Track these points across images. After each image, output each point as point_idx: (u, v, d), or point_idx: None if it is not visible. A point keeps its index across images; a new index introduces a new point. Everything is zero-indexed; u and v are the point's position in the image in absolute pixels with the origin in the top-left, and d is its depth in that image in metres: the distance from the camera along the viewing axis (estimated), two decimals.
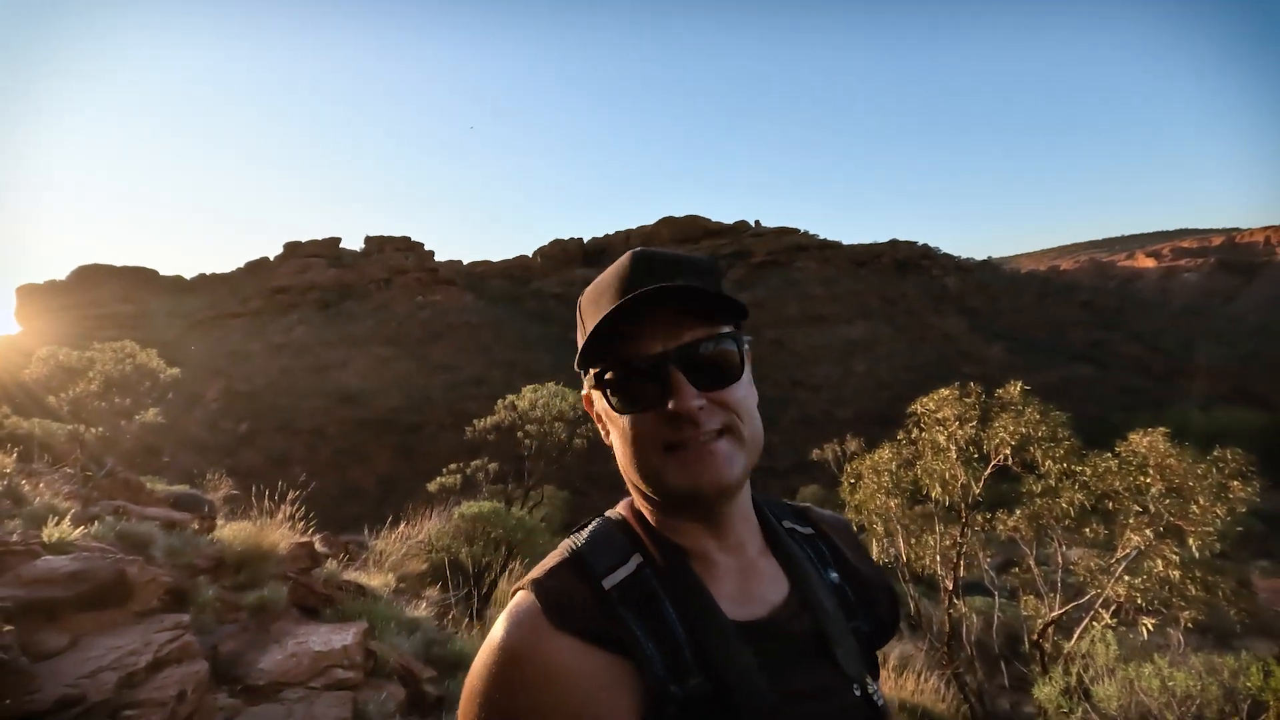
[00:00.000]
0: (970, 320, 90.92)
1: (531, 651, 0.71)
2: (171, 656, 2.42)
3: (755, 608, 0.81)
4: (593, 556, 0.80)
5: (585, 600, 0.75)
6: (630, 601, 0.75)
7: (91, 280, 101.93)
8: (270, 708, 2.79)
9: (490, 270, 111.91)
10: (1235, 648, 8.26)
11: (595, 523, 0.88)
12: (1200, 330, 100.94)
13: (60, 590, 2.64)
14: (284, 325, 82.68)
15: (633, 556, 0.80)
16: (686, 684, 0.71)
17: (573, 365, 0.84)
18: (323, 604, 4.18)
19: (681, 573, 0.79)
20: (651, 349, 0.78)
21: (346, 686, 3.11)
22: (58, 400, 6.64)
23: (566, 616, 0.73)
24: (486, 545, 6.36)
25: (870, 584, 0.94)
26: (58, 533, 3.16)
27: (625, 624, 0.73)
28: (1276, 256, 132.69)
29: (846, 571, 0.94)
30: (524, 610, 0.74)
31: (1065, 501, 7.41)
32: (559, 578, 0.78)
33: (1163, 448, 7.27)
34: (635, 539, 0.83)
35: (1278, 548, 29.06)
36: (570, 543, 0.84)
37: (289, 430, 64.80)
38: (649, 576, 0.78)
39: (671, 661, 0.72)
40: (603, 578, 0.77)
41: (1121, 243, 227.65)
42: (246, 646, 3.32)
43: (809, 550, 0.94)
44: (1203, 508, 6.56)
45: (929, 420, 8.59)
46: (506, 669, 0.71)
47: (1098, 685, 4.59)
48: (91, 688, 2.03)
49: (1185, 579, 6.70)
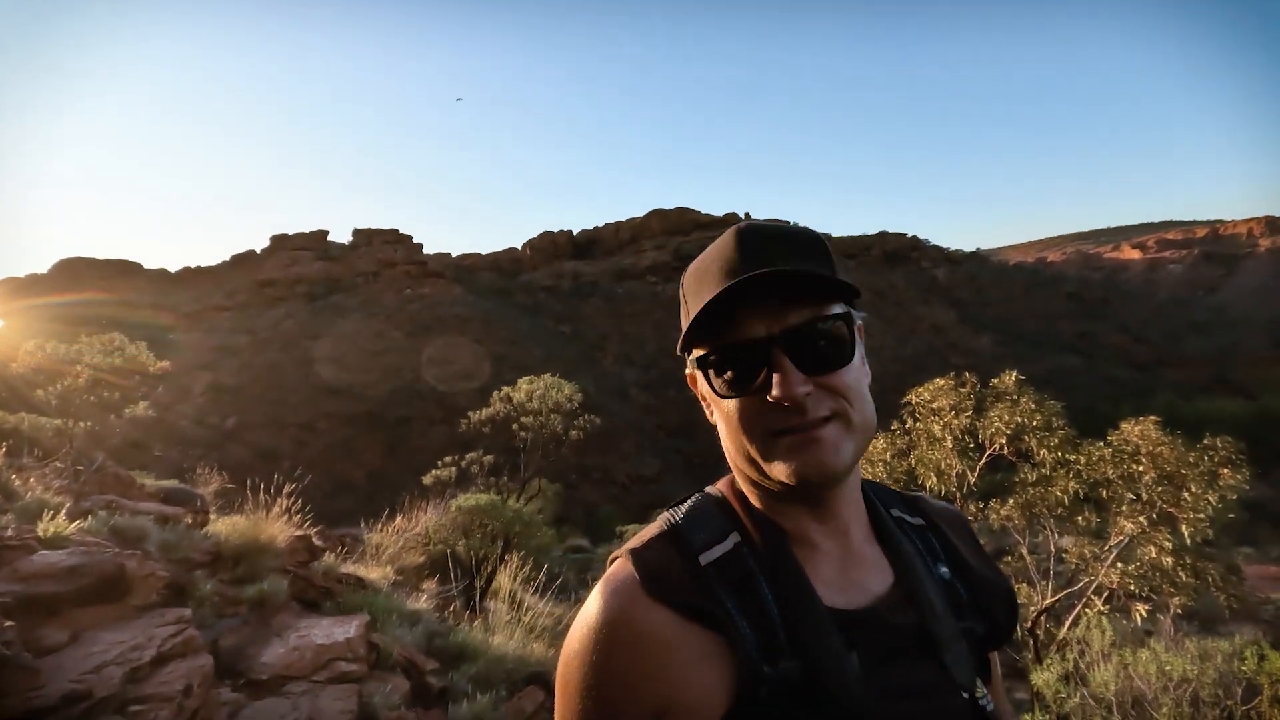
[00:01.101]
0: (959, 312, 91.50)
1: (628, 618, 0.72)
2: (175, 651, 2.38)
3: (856, 596, 0.79)
4: (690, 532, 0.79)
5: (681, 574, 0.75)
6: (726, 579, 0.75)
7: (74, 273, 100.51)
8: (275, 702, 2.76)
9: (479, 262, 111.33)
10: (1222, 633, 8.39)
11: (694, 498, 0.87)
12: (1184, 321, 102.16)
13: (59, 585, 2.60)
14: (271, 319, 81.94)
15: (730, 535, 0.79)
16: (778, 665, 0.70)
17: (564, 357, 0.82)
18: (323, 597, 4.15)
19: (780, 554, 0.77)
20: (756, 332, 0.74)
21: (350, 679, 3.09)
22: (45, 394, 6.54)
23: (663, 587, 0.73)
24: (484, 538, 6.33)
25: (986, 583, 0.90)
26: (53, 527, 3.10)
27: (720, 601, 0.73)
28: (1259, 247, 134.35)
29: (959, 567, 0.89)
30: (621, 579, 0.75)
31: (1059, 490, 7.48)
32: (656, 550, 0.78)
33: (1154, 436, 7.35)
34: (734, 517, 0.82)
35: (1260, 535, 29.56)
36: (669, 517, 0.83)
37: (277, 425, 64.36)
38: (746, 555, 0.77)
39: (765, 642, 0.71)
40: (699, 553, 0.77)
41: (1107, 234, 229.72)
42: (248, 640, 3.28)
43: (918, 542, 0.90)
44: (1194, 495, 6.63)
45: (924, 410, 8.63)
46: (603, 634, 0.72)
47: (1094, 671, 4.64)
48: (97, 683, 1.99)
49: (1177, 565, 6.80)
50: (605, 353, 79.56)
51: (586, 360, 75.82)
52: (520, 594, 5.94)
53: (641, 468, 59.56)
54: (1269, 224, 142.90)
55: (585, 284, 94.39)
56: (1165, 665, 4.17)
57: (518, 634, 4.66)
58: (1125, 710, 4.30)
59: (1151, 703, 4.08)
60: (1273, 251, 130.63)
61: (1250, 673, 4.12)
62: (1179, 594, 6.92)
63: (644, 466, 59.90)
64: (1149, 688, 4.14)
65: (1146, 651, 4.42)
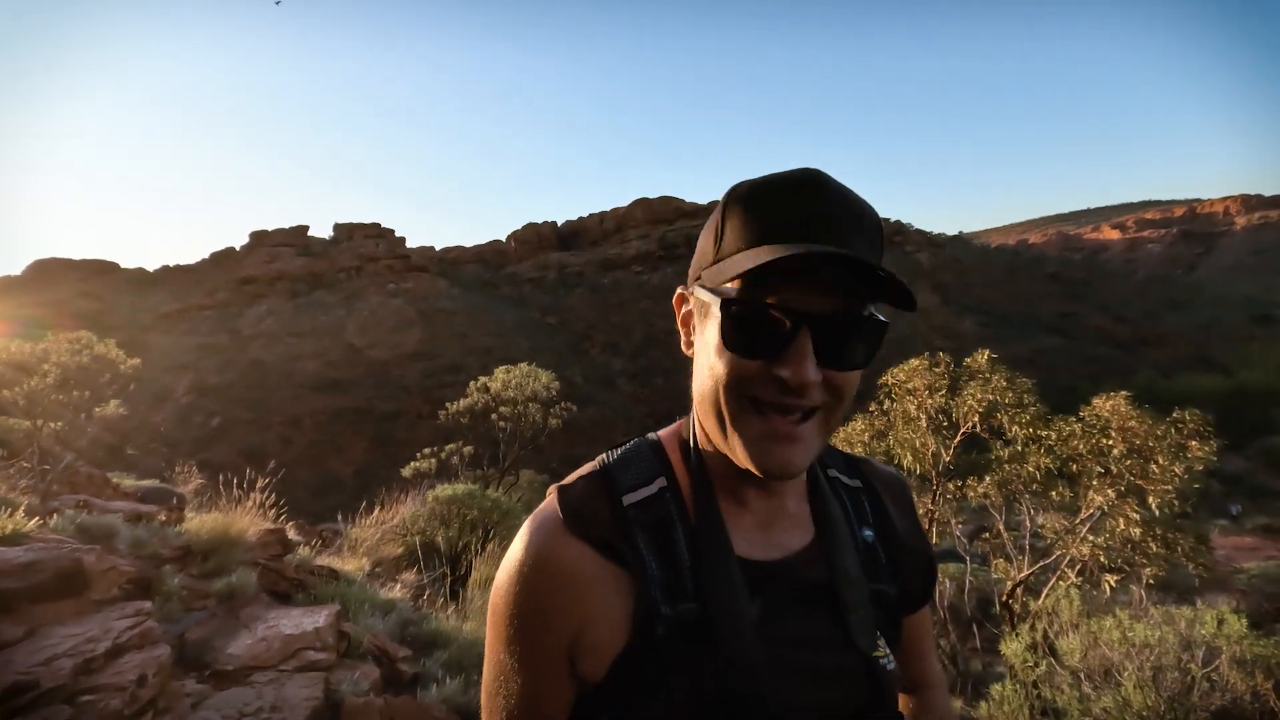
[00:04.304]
0: (942, 295, 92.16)
1: (548, 553, 0.74)
2: (132, 643, 2.37)
3: (772, 550, 0.80)
4: (619, 473, 0.81)
5: (602, 512, 0.77)
6: (644, 521, 0.77)
7: (49, 274, 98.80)
8: (239, 691, 2.76)
9: (463, 255, 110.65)
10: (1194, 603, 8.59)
11: (632, 443, 0.87)
12: (1164, 299, 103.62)
13: (13, 581, 2.57)
14: (253, 316, 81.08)
15: (657, 479, 0.81)
16: (677, 606, 0.72)
17: (551, 348, 0.80)
18: (294, 589, 4.14)
19: (702, 504, 0.78)
20: (797, 303, 0.69)
21: (319, 668, 3.09)
22: (12, 394, 6.44)
23: (582, 524, 0.75)
24: (462, 527, 6.34)
25: (908, 549, 0.91)
26: (11, 524, 3.07)
27: (634, 540, 0.75)
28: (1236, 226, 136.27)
29: (884, 531, 0.90)
30: (546, 515, 0.78)
31: (1032, 465, 7.60)
32: (582, 488, 0.80)
33: (1124, 410, 7.47)
34: (666, 464, 0.83)
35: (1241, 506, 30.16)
36: (603, 457, 0.85)
37: (262, 423, 63.86)
38: (668, 500, 0.79)
39: (671, 583, 0.73)
40: (624, 494, 0.78)
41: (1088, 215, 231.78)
42: (214, 633, 3.27)
43: (849, 503, 0.90)
44: (1162, 467, 6.77)
45: (900, 391, 8.71)
46: (525, 567, 0.75)
47: (1062, 639, 4.74)
48: (46, 674, 1.98)
49: (1146, 537, 6.94)
50: (592, 343, 79.46)
51: (574, 351, 75.74)
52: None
53: None
54: (1245, 202, 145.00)
55: (570, 275, 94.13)
56: (1129, 632, 4.26)
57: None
58: (1092, 677, 4.40)
59: (1116, 668, 4.17)
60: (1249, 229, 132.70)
61: (1209, 636, 4.22)
62: (1150, 565, 7.07)
63: None
64: (1114, 654, 4.23)
65: (1111, 619, 4.50)
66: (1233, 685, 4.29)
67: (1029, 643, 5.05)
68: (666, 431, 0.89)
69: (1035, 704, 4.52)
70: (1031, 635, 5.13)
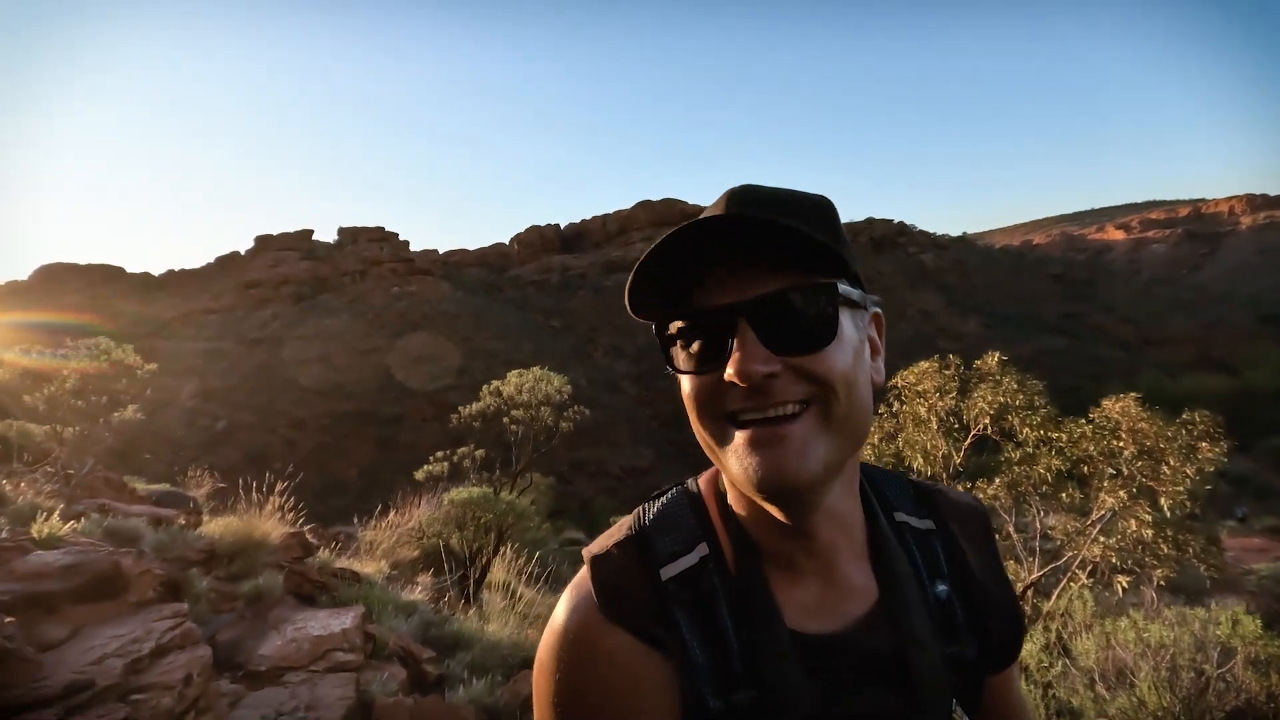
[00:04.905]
0: (947, 296, 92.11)
1: (588, 637, 0.68)
2: (174, 643, 2.43)
3: (831, 621, 0.71)
4: (657, 538, 0.73)
5: (639, 592, 0.69)
6: (686, 598, 0.69)
7: (56, 279, 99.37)
8: (274, 691, 2.82)
9: (467, 259, 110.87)
10: (1205, 605, 8.60)
11: (671, 494, 0.79)
12: (1168, 299, 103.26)
13: (56, 584, 2.64)
14: (258, 320, 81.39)
15: (698, 546, 0.72)
16: (730, 697, 0.65)
17: (555, 351, 0.77)
18: (318, 591, 4.20)
19: (748, 574, 0.70)
20: (720, 298, 0.63)
21: (348, 669, 3.14)
22: (33, 400, 6.52)
23: (618, 610, 0.68)
24: (477, 530, 6.39)
25: (989, 601, 0.80)
26: (47, 528, 3.13)
27: (676, 626, 0.68)
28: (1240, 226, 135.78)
29: (962, 582, 0.79)
30: (581, 595, 0.71)
31: (1043, 467, 7.62)
32: (617, 561, 0.71)
33: (1134, 412, 7.49)
34: (707, 524, 0.74)
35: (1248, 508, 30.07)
36: (639, 515, 0.76)
37: (267, 426, 64.06)
38: (711, 572, 0.70)
39: (719, 671, 0.66)
40: (662, 565, 0.70)
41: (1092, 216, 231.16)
42: (245, 634, 3.33)
43: (919, 553, 0.80)
44: (1173, 468, 6.78)
45: (910, 393, 8.74)
46: (566, 650, 0.68)
47: (1076, 640, 4.77)
48: (98, 673, 2.05)
49: (1158, 538, 6.96)
50: (596, 346, 79.52)
51: (577, 354, 75.78)
52: (515, 584, 6.02)
53: (635, 459, 59.70)
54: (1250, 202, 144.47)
55: (573, 277, 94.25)
56: (1143, 633, 4.29)
57: (512, 621, 4.74)
58: (1106, 677, 4.43)
59: (1131, 669, 4.20)
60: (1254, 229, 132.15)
61: (1224, 637, 4.25)
62: (1161, 566, 7.09)
63: (637, 458, 60.04)
64: (1128, 655, 4.26)
65: (1125, 620, 4.53)
66: (1247, 686, 4.32)
67: (1043, 643, 5.08)
68: (706, 479, 0.80)
69: (1050, 704, 4.54)
70: (1045, 636, 5.15)
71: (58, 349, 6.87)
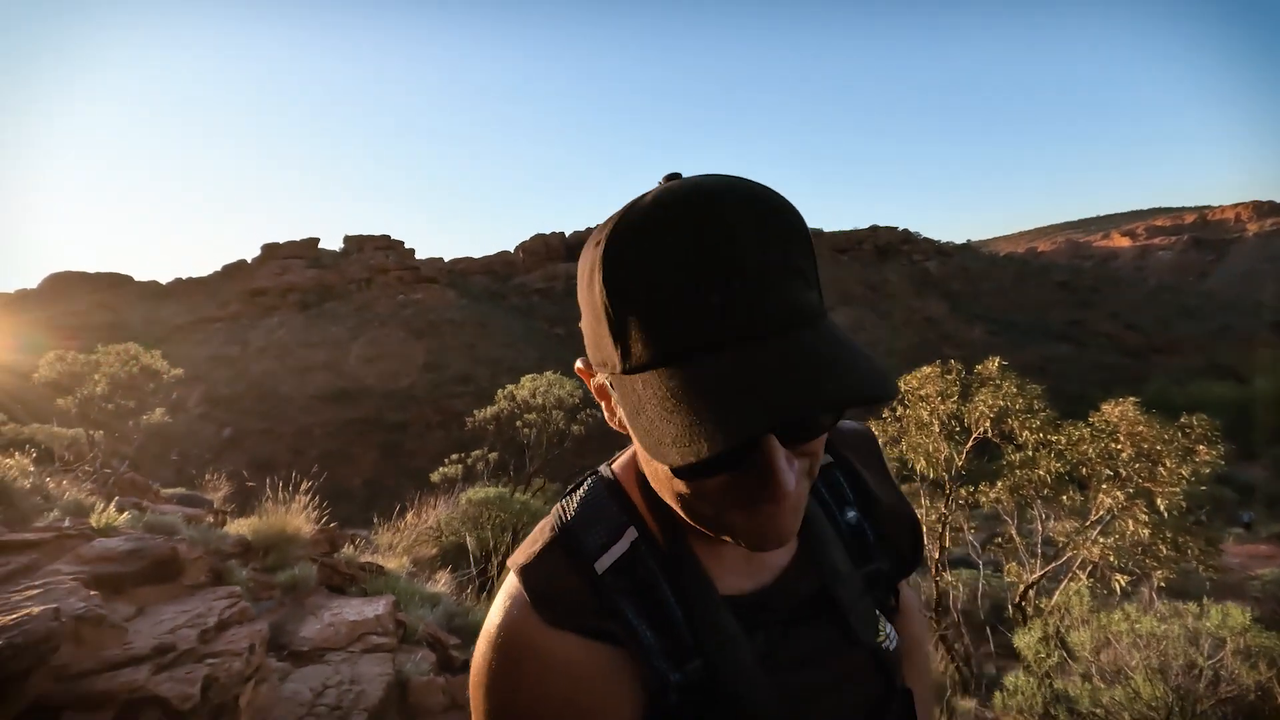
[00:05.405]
0: (952, 303, 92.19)
1: (526, 647, 0.65)
2: (234, 618, 2.66)
3: (761, 575, 0.73)
4: (584, 533, 0.70)
5: (577, 591, 0.67)
6: (625, 586, 0.68)
7: (65, 288, 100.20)
8: (318, 668, 3.04)
9: (472, 266, 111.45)
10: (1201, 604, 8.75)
11: (587, 485, 0.76)
12: (1175, 306, 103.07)
13: (120, 566, 2.87)
14: (265, 328, 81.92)
15: (626, 531, 0.70)
16: (685, 668, 0.66)
17: (560, 358, 0.75)
18: (347, 583, 4.42)
19: (677, 547, 0.70)
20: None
21: (383, 650, 3.36)
22: (66, 403, 6.78)
23: (558, 613, 0.65)
24: (493, 529, 6.61)
25: (892, 514, 0.84)
26: (105, 519, 3.37)
27: (621, 614, 0.66)
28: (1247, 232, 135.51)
29: (866, 505, 0.83)
30: (515, 604, 0.67)
31: (1043, 470, 7.81)
32: (547, 564, 0.69)
33: (1133, 415, 7.69)
34: (630, 508, 0.73)
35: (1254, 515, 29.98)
36: (559, 514, 0.74)
37: (273, 434, 64.37)
38: (645, 555, 0.69)
39: (670, 646, 0.66)
40: (595, 559, 0.68)
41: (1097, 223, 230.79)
42: (285, 619, 3.55)
43: (825, 487, 0.82)
44: (1169, 469, 6.97)
45: (913, 398, 8.95)
46: (505, 664, 0.65)
47: (1073, 633, 4.95)
48: (179, 639, 2.28)
49: (1156, 539, 7.13)
50: None
51: None
52: None
53: None
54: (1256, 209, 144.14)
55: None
56: (1136, 624, 4.47)
57: None
58: (1102, 670, 4.61)
59: (1124, 658, 4.38)
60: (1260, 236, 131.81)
61: (1214, 628, 4.43)
62: (1162, 568, 7.26)
63: None
64: (1121, 647, 4.44)
65: (1119, 613, 4.72)
66: (1238, 676, 4.49)
67: (1041, 635, 5.27)
68: (621, 464, 0.78)
69: (1048, 694, 4.72)
70: (1044, 629, 5.34)
71: (90, 353, 7.14)
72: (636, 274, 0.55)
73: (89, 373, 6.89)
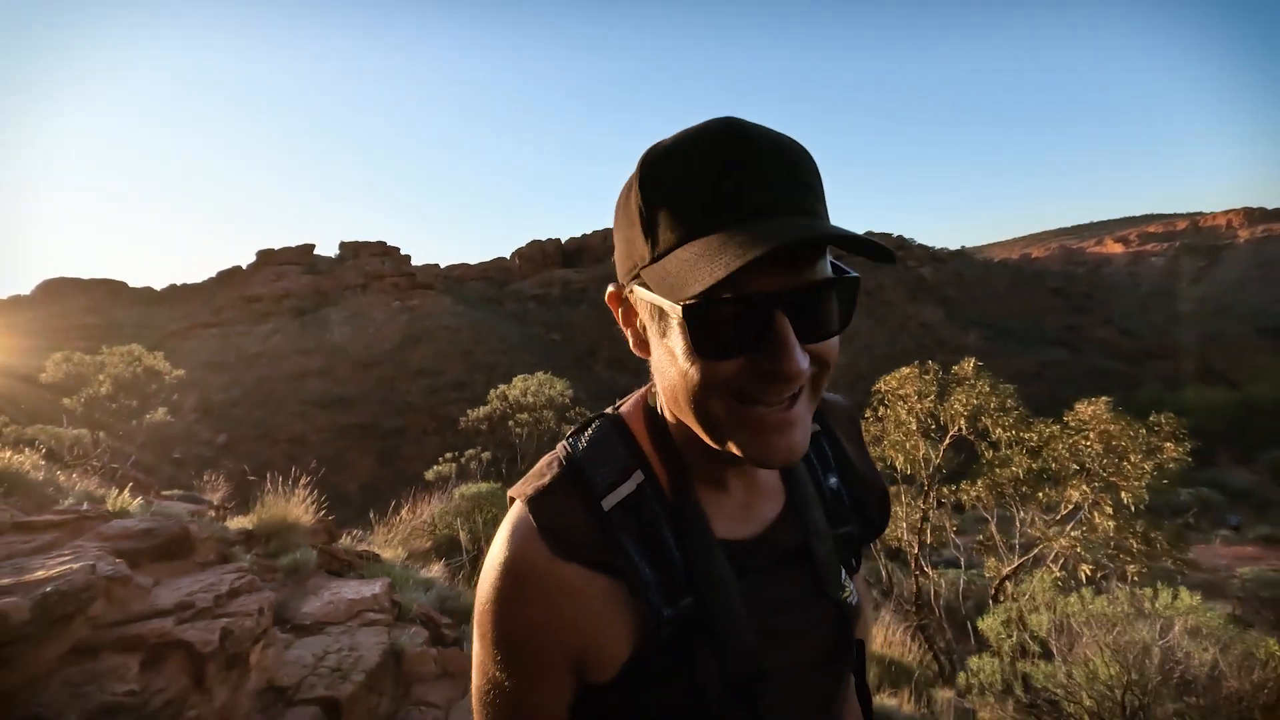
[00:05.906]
0: (946, 309, 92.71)
1: (532, 573, 0.70)
2: (244, 588, 2.92)
3: (753, 525, 0.80)
4: (592, 470, 0.75)
5: (584, 525, 0.72)
6: (629, 524, 0.73)
7: (58, 293, 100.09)
8: (320, 638, 3.29)
9: (468, 273, 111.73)
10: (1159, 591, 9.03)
11: (596, 425, 0.82)
12: (1168, 312, 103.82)
13: (137, 543, 3.12)
14: (260, 334, 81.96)
15: (634, 473, 0.75)
16: (679, 604, 0.71)
17: (556, 364, 0.91)
18: (346, 569, 4.68)
19: (682, 493, 0.75)
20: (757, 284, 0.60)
21: (379, 625, 3.62)
22: (72, 402, 7.02)
23: (565, 544, 0.70)
24: (486, 523, 6.86)
25: (866, 485, 0.92)
26: (120, 502, 3.62)
27: (624, 550, 0.71)
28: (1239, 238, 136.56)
29: (845, 472, 0.91)
30: (522, 533, 0.72)
31: (1016, 467, 8.10)
32: (556, 497, 0.73)
33: (1103, 414, 7.99)
34: (638, 451, 0.78)
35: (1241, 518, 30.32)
36: (566, 449, 0.79)
37: (268, 440, 64.30)
38: (650, 498, 0.74)
39: (667, 583, 0.71)
40: (602, 496, 0.73)
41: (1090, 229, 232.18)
42: (288, 597, 3.81)
43: (813, 454, 0.90)
44: (1134, 464, 7.27)
45: (892, 397, 9.24)
46: (511, 590, 0.70)
47: (1033, 616, 5.22)
48: (199, 600, 2.55)
49: (1124, 532, 7.42)
50: (596, 359, 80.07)
51: (578, 367, 76.24)
52: None
53: None
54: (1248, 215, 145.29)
55: (574, 291, 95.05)
56: (1090, 605, 4.74)
57: None
58: (1059, 646, 4.88)
59: (1077, 634, 4.66)
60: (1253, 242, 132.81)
61: (1163, 609, 4.70)
62: (1134, 562, 7.54)
63: None
64: (1076, 624, 4.72)
65: (1074, 596, 5.00)
66: (1189, 656, 4.75)
67: (1005, 619, 5.54)
68: (629, 406, 0.84)
69: (1008, 674, 4.99)
70: (1007, 613, 5.61)
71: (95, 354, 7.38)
72: (668, 176, 0.64)
73: (94, 373, 7.13)
